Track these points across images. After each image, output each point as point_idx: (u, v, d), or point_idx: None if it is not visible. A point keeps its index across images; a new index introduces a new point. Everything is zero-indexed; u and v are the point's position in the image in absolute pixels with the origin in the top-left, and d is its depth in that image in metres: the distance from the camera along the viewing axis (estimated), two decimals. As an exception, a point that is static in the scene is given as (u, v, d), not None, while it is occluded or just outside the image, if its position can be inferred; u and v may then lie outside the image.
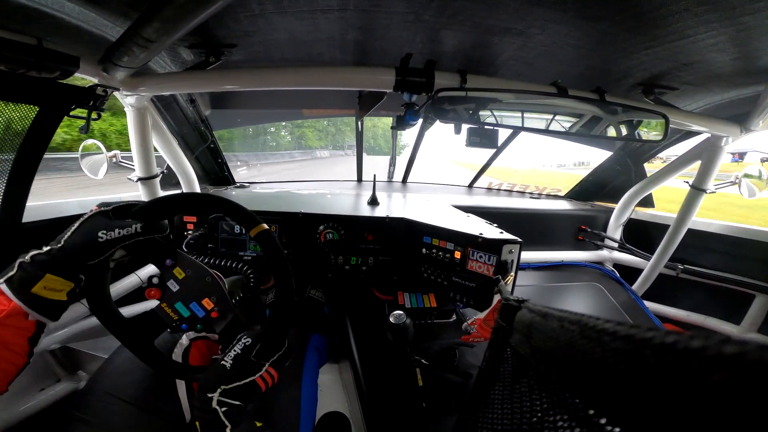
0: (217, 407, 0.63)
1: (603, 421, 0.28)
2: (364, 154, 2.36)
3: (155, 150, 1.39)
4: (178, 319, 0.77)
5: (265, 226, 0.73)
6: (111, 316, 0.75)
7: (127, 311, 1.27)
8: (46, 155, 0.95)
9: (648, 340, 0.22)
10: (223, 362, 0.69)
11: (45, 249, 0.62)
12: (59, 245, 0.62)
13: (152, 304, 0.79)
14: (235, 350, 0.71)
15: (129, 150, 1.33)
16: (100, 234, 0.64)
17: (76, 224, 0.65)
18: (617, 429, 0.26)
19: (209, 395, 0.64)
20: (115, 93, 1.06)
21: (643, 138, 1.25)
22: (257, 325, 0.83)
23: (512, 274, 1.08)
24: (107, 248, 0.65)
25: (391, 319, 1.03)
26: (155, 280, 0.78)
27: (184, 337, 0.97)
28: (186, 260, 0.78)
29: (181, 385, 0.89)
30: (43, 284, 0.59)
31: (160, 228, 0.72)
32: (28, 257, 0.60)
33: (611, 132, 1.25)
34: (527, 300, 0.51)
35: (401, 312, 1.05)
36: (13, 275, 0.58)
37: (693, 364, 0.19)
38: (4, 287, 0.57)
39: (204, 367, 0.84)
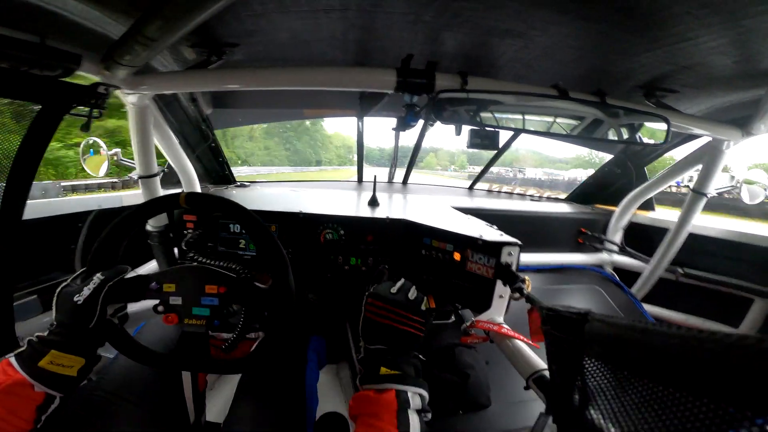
0: (355, 357, 0.73)
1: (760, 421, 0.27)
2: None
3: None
4: (206, 321, 0.78)
5: (187, 192, 0.78)
6: (156, 359, 0.76)
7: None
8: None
9: None
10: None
11: (47, 332, 0.68)
12: (54, 326, 0.67)
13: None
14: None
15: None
16: (75, 299, 0.67)
17: (54, 306, 0.69)
18: None
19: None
20: (117, 91, 1.07)
21: (645, 141, 1.25)
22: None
23: (528, 279, 1.08)
24: (91, 308, 0.68)
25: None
26: (161, 308, 0.78)
27: None
28: (165, 274, 0.79)
29: (187, 385, 0.89)
30: (49, 359, 0.63)
31: (118, 270, 0.74)
32: (35, 337, 0.66)
33: (612, 135, 1.25)
34: (590, 311, 0.50)
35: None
36: (22, 351, 0.64)
37: None
38: (13, 360, 0.62)
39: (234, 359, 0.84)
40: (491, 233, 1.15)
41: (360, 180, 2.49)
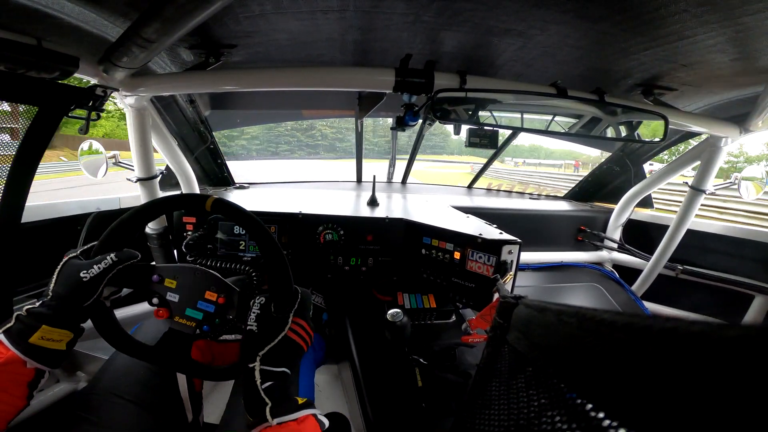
0: (259, 385, 0.62)
1: (601, 415, 0.27)
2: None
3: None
4: (196, 324, 0.77)
5: (215, 197, 0.76)
6: (135, 349, 0.76)
7: (119, 314, 1.26)
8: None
9: (648, 327, 0.22)
10: (249, 328, 0.69)
11: (38, 302, 0.65)
12: (49, 297, 0.65)
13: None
14: (254, 312, 0.71)
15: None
16: (82, 274, 0.66)
17: (55, 274, 0.67)
18: (615, 423, 0.25)
19: (250, 366, 0.64)
20: (115, 93, 1.06)
21: (643, 139, 1.25)
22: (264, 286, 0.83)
23: (511, 273, 1.08)
24: (94, 286, 0.67)
25: (388, 317, 1.04)
26: (156, 301, 0.78)
27: None
28: (170, 269, 0.79)
29: (182, 384, 0.88)
30: (40, 335, 0.62)
31: (131, 255, 0.73)
32: (24, 310, 0.63)
33: (611, 133, 1.25)
34: (525, 297, 0.51)
35: (398, 310, 1.06)
36: (11, 326, 0.62)
37: (695, 351, 0.18)
38: (2, 337, 0.60)
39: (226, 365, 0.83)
40: (491, 232, 1.15)
41: (359, 180, 2.49)
